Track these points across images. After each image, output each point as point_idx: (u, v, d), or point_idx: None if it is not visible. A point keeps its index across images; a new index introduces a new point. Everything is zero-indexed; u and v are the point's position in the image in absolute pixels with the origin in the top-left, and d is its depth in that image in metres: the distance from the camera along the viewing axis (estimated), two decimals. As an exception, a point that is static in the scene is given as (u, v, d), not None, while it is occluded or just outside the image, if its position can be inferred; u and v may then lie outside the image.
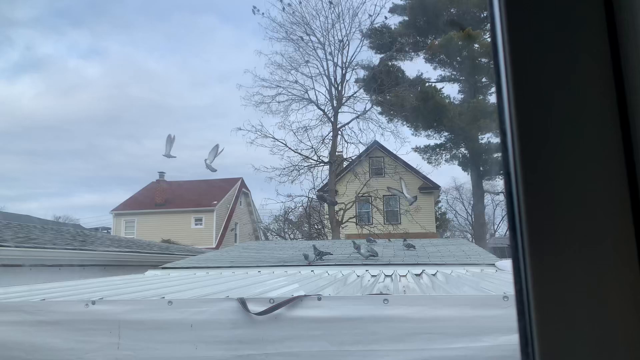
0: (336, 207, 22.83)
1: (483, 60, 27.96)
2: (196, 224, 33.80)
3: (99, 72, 41.18)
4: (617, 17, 0.74)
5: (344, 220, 22.60)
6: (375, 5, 23.49)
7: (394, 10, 26.93)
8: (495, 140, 27.79)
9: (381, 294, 3.44)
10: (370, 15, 23.62)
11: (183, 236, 30.94)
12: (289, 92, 23.47)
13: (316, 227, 28.75)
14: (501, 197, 36.63)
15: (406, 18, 28.17)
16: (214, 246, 31.21)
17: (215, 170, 11.02)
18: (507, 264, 7.15)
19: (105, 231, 35.12)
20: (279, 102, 23.31)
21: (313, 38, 23.50)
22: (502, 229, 49.91)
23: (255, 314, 3.07)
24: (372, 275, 6.37)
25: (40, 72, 41.90)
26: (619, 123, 0.73)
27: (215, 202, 34.00)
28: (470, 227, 45.32)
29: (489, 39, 25.46)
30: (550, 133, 0.75)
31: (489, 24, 0.86)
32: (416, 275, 6.38)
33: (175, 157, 11.02)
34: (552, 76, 0.75)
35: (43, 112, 41.38)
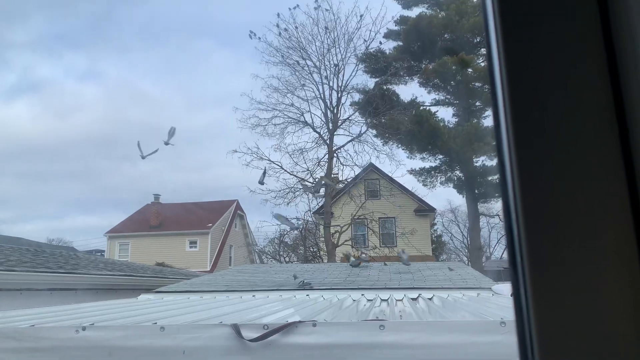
0: (332, 230, 22.75)
1: (477, 84, 28.32)
2: (191, 247, 33.57)
3: (96, 94, 41.41)
4: (611, 13, 0.74)
5: (339, 243, 22.50)
6: (370, 30, 23.82)
7: (388, 35, 27.36)
8: (490, 163, 27.97)
9: (377, 319, 3.39)
10: (365, 41, 24.01)
11: (177, 259, 30.69)
12: (285, 114, 23.66)
13: (312, 249, 28.59)
14: (497, 219, 36.67)
15: (400, 43, 28.59)
16: (208, 269, 30.92)
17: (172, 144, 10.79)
18: (504, 287, 7.11)
19: (99, 254, 34.78)
20: (275, 124, 23.47)
21: (309, 62, 23.83)
22: (498, 251, 49.79)
23: (249, 340, 3.02)
24: (368, 300, 6.31)
25: (38, 94, 42.09)
26: (616, 123, 0.73)
27: (210, 224, 33.84)
28: (466, 250, 45.20)
29: (482, 64, 25.98)
30: (547, 132, 0.74)
31: (484, 33, 0.85)
32: (412, 299, 6.32)
33: (173, 144, 10.85)
34: (547, 76, 0.75)
35: (39, 134, 41.40)
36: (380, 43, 26.02)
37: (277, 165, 23.09)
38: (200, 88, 42.34)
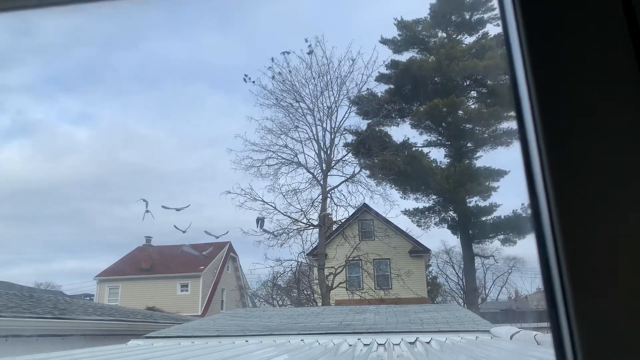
0: (326, 272, 22.47)
1: (467, 126, 28.76)
2: (182, 290, 32.93)
3: (88, 136, 41.51)
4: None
5: (334, 285, 22.18)
6: (362, 74, 24.36)
7: (380, 79, 27.92)
8: (484, 203, 28.05)
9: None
10: (357, 84, 24.50)
11: (168, 303, 30.02)
12: (279, 155, 23.80)
13: (305, 292, 28.13)
14: (491, 260, 36.44)
15: (392, 86, 29.16)
16: (199, 313, 30.25)
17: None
18: (503, 330, 6.96)
19: (88, 298, 33.98)
20: (268, 165, 23.56)
21: (302, 104, 24.19)
22: (494, 293, 49.21)
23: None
24: (365, 344, 6.15)
25: (30, 137, 42.14)
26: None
27: (202, 267, 33.33)
28: (462, 292, 44.67)
29: (472, 106, 26.38)
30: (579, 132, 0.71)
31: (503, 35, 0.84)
32: (410, 343, 6.17)
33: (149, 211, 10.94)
34: (575, 71, 0.72)
35: (30, 177, 41.14)
36: (371, 88, 26.48)
37: (271, 206, 23.05)
38: (193, 130, 42.65)
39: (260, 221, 17.43)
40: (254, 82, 23.93)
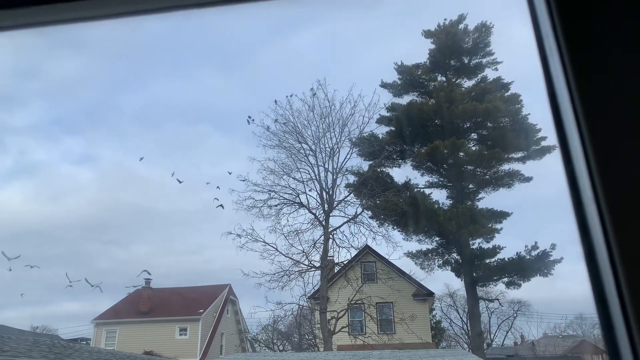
0: (328, 315, 22.02)
1: (469, 167, 28.88)
2: (181, 334, 32.20)
3: (90, 177, 41.69)
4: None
5: (336, 330, 21.68)
6: (363, 116, 24.69)
7: (381, 121, 28.28)
8: (487, 245, 27.79)
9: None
10: (358, 126, 24.78)
11: (167, 347, 29.32)
12: (281, 196, 23.80)
13: (307, 337, 27.51)
14: (496, 304, 35.78)
15: (392, 128, 29.48)
16: (198, 359, 29.49)
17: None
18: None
19: (84, 342, 33.17)
20: (270, 206, 23.51)
21: (305, 146, 24.39)
22: (499, 338, 48.07)
23: None
24: (371, 390, 5.95)
25: (32, 178, 42.34)
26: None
27: (202, 310, 32.72)
28: (467, 337, 43.64)
29: (473, 147, 26.59)
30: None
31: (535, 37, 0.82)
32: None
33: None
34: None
35: (30, 218, 41.05)
36: (372, 131, 26.76)
37: (272, 247, 22.83)
38: (194, 171, 42.90)
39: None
40: (257, 124, 24.19)
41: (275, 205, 23.57)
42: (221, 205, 21.54)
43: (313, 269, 23.22)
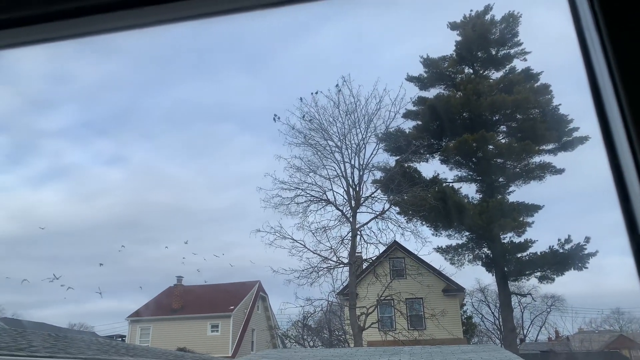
0: (357, 312, 22.00)
1: (498, 160, 28.37)
2: (212, 331, 32.71)
3: (120, 178, 42.68)
4: None
5: (366, 326, 21.65)
6: (390, 111, 24.34)
7: (407, 115, 27.99)
8: (519, 239, 27.30)
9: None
10: (384, 121, 24.53)
11: (199, 344, 29.82)
12: (308, 193, 23.83)
13: (337, 333, 27.56)
14: (529, 298, 35.12)
15: (419, 122, 29.19)
16: (230, 355, 29.91)
17: None
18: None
19: (120, 339, 34.06)
20: (297, 203, 23.57)
21: (330, 142, 24.33)
22: (533, 333, 47.17)
23: None
24: (403, 387, 5.93)
25: (65, 180, 43.61)
26: None
27: (232, 307, 33.16)
28: (499, 332, 42.98)
29: (502, 140, 26.08)
30: None
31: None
32: (450, 386, 5.92)
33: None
34: None
35: (64, 218, 42.34)
36: (399, 125, 26.51)
37: (300, 244, 22.91)
38: (222, 170, 43.43)
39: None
40: (283, 122, 24.27)
41: (303, 203, 23.64)
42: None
43: (341, 266, 23.21)
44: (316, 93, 24.16)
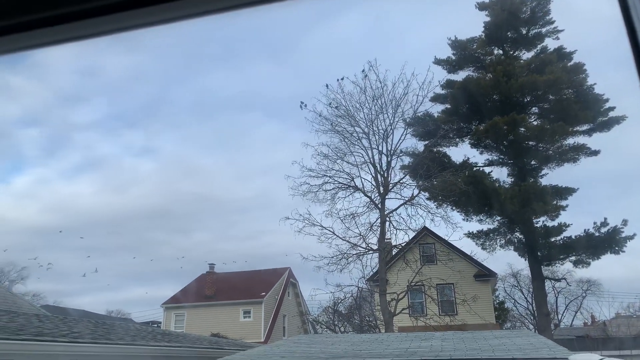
0: (387, 297, 22.00)
1: (530, 143, 27.71)
2: (245, 317, 33.29)
3: (151, 169, 43.67)
4: None
5: (396, 312, 21.66)
6: (417, 95, 23.91)
7: (435, 99, 27.52)
8: (552, 223, 26.73)
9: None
10: (412, 105, 24.15)
11: (232, 329, 30.42)
12: (336, 180, 23.77)
13: (367, 319, 27.68)
14: (563, 283, 34.46)
15: (448, 106, 28.70)
16: (262, 340, 30.41)
17: None
18: (583, 358, 6.51)
19: (156, 325, 35.05)
20: (325, 190, 23.54)
21: (358, 129, 24.13)
22: (568, 318, 46.34)
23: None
24: (435, 372, 5.93)
25: (98, 171, 44.84)
26: None
27: (264, 293, 33.64)
28: (532, 317, 42.40)
29: (534, 122, 25.44)
30: None
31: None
32: (483, 372, 5.88)
33: None
34: None
35: (99, 209, 43.66)
36: (424, 110, 26.12)
37: (329, 231, 22.95)
38: (249, 159, 43.85)
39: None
40: (309, 110, 24.19)
41: (331, 190, 23.62)
42: None
43: (371, 252, 23.21)
44: (342, 79, 23.95)
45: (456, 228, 24.35)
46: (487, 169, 28.56)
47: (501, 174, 29.07)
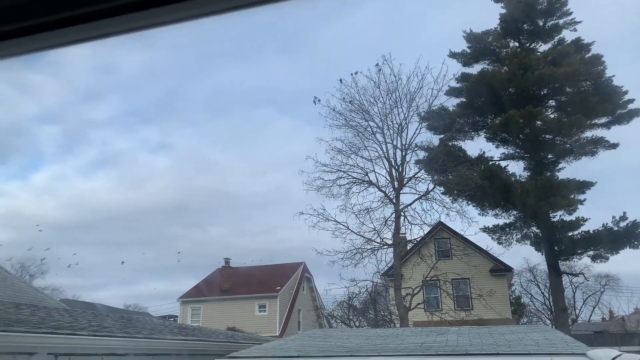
0: (402, 292, 21.96)
1: (547, 136, 27.35)
2: (260, 311, 33.52)
3: (166, 164, 44.15)
4: None
5: (411, 306, 21.61)
6: (432, 89, 23.66)
7: (450, 92, 27.30)
8: (569, 217, 26.41)
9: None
10: (427, 99, 23.94)
11: (247, 323, 30.65)
12: (350, 175, 23.71)
13: (382, 313, 27.68)
14: (581, 278, 34.04)
15: (463, 99, 28.44)
16: (277, 334, 30.60)
17: None
18: (601, 354, 6.43)
19: (172, 319, 35.48)
20: (339, 185, 23.50)
21: (372, 123, 24.00)
22: (585, 314, 45.80)
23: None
24: (450, 367, 5.92)
25: (114, 167, 45.44)
26: None
27: (279, 287, 33.82)
28: (549, 312, 41.98)
29: (551, 115, 25.04)
30: None
31: None
32: (499, 367, 5.86)
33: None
34: None
35: (115, 204, 44.30)
36: (442, 103, 25.90)
37: (344, 226, 22.94)
38: (263, 154, 44.09)
39: None
40: (322, 105, 24.14)
41: (345, 185, 23.57)
42: None
43: (385, 247, 23.16)
44: (356, 74, 23.82)
45: (472, 223, 24.21)
46: (503, 163, 28.32)
47: (517, 168, 28.83)
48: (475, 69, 29.17)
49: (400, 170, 23.61)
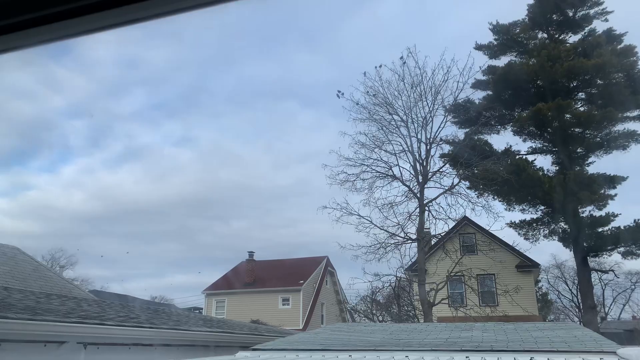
0: (426, 287, 21.78)
1: (576, 130, 26.68)
2: (283, 304, 33.74)
3: (190, 158, 44.64)
4: None
5: (435, 302, 21.42)
6: (458, 82, 23.27)
7: (477, 85, 26.84)
8: (599, 213, 25.75)
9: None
10: (452, 92, 23.59)
11: (271, 316, 30.90)
12: (373, 169, 23.55)
13: (406, 308, 27.53)
14: (610, 275, 33.24)
15: (490, 92, 27.94)
16: (300, 327, 30.76)
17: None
18: (632, 352, 6.24)
19: (197, 311, 36.00)
20: (363, 179, 23.37)
21: (396, 117, 23.77)
22: (615, 311, 44.75)
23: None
24: (475, 363, 5.84)
25: (139, 160, 46.20)
26: None
27: (302, 281, 33.97)
28: (577, 310, 41.16)
29: (581, 108, 24.47)
30: None
31: None
32: (525, 363, 5.75)
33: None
34: None
35: (140, 197, 45.08)
36: (468, 96, 25.47)
37: (367, 220, 22.83)
38: (286, 147, 44.18)
39: None
40: (346, 98, 24.01)
41: (368, 179, 23.43)
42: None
43: (409, 241, 22.99)
44: (380, 67, 23.60)
45: (498, 218, 23.79)
46: (530, 157, 27.71)
47: (545, 162, 28.21)
48: (502, 61, 28.60)
49: (424, 164, 23.37)
